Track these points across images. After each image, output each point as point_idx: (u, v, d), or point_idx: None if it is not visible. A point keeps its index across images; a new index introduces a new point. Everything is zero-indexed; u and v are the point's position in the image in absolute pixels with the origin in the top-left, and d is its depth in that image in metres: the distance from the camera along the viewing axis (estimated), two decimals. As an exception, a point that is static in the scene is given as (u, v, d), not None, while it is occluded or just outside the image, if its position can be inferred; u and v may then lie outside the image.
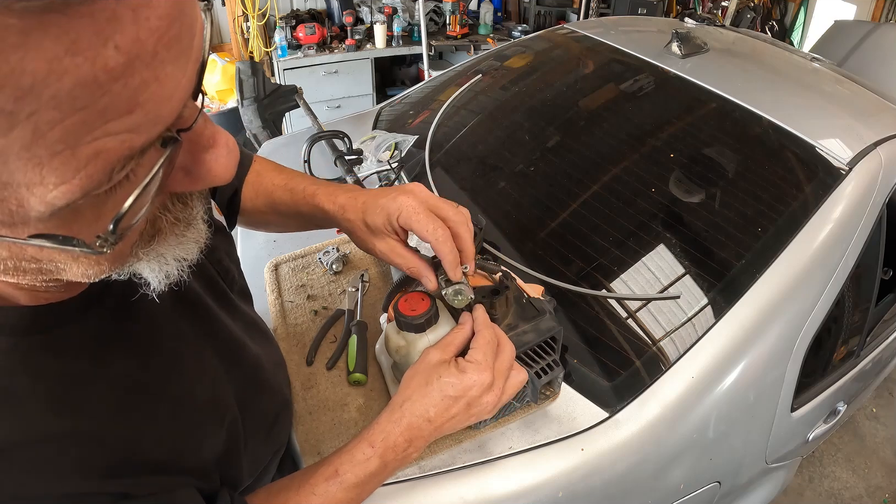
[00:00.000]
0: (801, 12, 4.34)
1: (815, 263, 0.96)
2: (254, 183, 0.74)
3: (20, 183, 0.26)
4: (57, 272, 0.34)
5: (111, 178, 0.28)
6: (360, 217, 0.64)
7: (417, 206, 0.60)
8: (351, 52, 3.27)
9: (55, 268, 0.33)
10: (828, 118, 1.25)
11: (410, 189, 0.62)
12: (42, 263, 0.32)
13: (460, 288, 0.63)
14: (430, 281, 0.64)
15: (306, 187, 0.70)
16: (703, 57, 1.44)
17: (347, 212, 0.65)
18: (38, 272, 0.33)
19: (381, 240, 0.64)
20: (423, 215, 0.60)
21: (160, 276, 0.38)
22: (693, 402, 0.84)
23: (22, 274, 0.33)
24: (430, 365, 0.60)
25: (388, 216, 0.61)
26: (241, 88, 1.65)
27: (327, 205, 0.67)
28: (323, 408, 0.78)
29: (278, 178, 0.73)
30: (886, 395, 2.26)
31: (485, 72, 1.63)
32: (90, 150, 0.26)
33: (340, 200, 0.66)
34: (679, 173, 1.15)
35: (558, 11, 3.85)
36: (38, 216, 0.27)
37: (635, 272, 0.99)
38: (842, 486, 1.93)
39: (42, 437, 0.38)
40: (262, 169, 0.76)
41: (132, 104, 0.26)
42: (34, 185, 0.26)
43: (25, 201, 0.26)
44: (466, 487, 0.72)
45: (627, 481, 0.80)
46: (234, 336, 0.59)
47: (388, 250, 0.64)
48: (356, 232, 0.66)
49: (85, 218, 0.29)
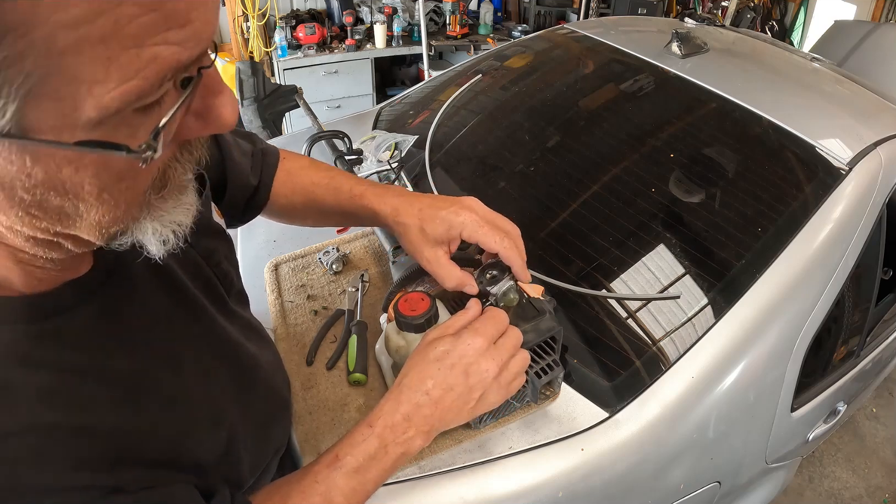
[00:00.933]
0: (801, 12, 4.34)
1: (815, 263, 0.96)
2: (288, 181, 0.76)
3: (84, 79, 0.27)
4: (74, 218, 0.34)
5: (159, 88, 0.30)
6: (416, 223, 0.66)
7: (480, 221, 0.65)
8: (351, 52, 3.27)
9: (75, 210, 0.34)
10: (828, 118, 1.25)
11: (470, 205, 0.66)
12: (67, 199, 0.33)
13: (507, 290, 0.67)
14: (472, 288, 0.66)
15: (353, 187, 0.72)
16: (703, 57, 1.44)
17: (401, 216, 0.67)
18: (58, 217, 0.34)
19: (432, 249, 0.66)
20: (488, 228, 0.65)
21: (159, 241, 0.40)
22: (693, 402, 0.84)
23: (40, 217, 0.33)
24: (428, 341, 0.61)
25: (450, 228, 0.65)
26: (242, 88, 1.65)
27: (379, 206, 0.69)
28: (323, 408, 0.78)
29: (318, 176, 0.75)
30: (886, 395, 2.26)
31: (485, 72, 1.63)
32: (150, 54, 0.28)
33: (393, 203, 0.69)
34: (679, 173, 1.15)
35: (558, 11, 3.85)
36: (87, 122, 0.29)
37: (635, 272, 0.99)
38: (842, 486, 1.93)
39: (33, 427, 0.38)
40: (294, 167, 0.77)
41: (186, 18, 0.29)
42: (97, 83, 0.27)
43: (81, 103, 0.28)
44: (466, 487, 0.72)
45: (627, 481, 0.80)
46: (232, 338, 0.59)
47: (433, 259, 0.66)
48: (408, 236, 0.68)
49: (123, 134, 0.31)
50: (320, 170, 0.77)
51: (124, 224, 0.37)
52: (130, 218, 0.37)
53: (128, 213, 0.37)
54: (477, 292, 0.67)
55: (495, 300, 0.67)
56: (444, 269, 0.66)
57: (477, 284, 0.67)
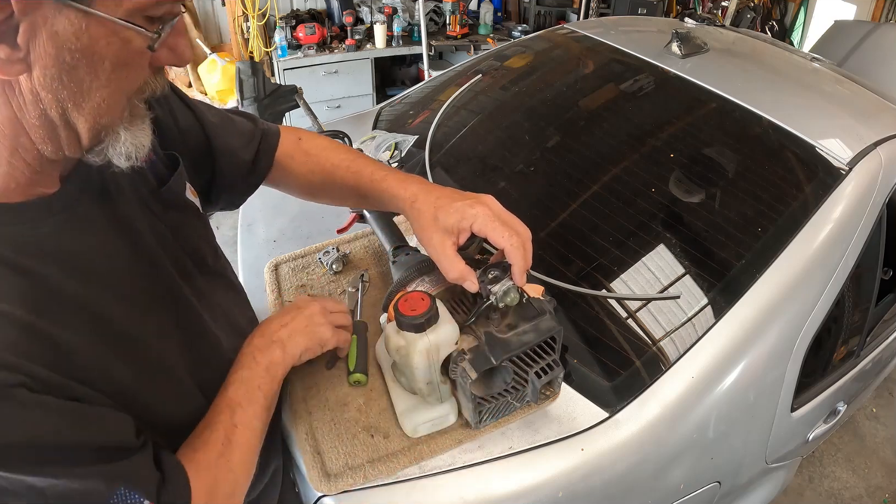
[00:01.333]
0: (801, 12, 4.34)
1: (815, 263, 0.96)
2: (307, 161, 0.81)
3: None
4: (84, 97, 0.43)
5: (161, 7, 0.43)
6: (431, 211, 0.68)
7: (492, 216, 0.66)
8: (351, 52, 3.27)
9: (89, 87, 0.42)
10: (828, 118, 1.25)
11: (486, 201, 0.68)
12: (89, 73, 0.42)
13: (508, 289, 0.66)
14: (473, 284, 0.67)
15: (374, 171, 0.76)
16: (703, 57, 1.44)
17: (419, 202, 0.70)
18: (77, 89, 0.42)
19: (441, 237, 0.68)
20: (499, 223, 0.66)
21: (123, 155, 0.48)
22: (693, 402, 0.84)
23: (65, 85, 0.41)
24: None
25: (462, 219, 0.66)
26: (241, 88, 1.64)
27: (399, 190, 0.72)
28: (323, 408, 0.78)
29: (338, 158, 0.79)
30: (886, 395, 2.26)
31: (485, 72, 1.63)
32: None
33: (413, 189, 0.71)
34: (679, 173, 1.15)
35: (558, 11, 3.85)
36: (127, 10, 0.41)
37: (635, 272, 0.99)
38: (842, 486, 1.93)
39: None
40: (314, 147, 0.82)
41: None
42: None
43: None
44: (466, 487, 0.72)
45: (627, 481, 0.80)
46: (195, 311, 0.62)
47: (440, 247, 0.68)
48: (420, 221, 0.69)
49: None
50: (341, 152, 0.81)
51: (109, 121, 0.45)
52: (115, 118, 0.46)
53: (114, 110, 0.45)
54: (477, 289, 0.67)
55: (496, 299, 0.67)
56: (448, 260, 0.67)
57: (478, 283, 0.67)
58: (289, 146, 0.81)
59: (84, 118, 0.44)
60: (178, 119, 0.68)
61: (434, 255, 0.69)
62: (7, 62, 0.39)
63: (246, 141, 0.77)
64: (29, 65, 0.40)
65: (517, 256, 0.66)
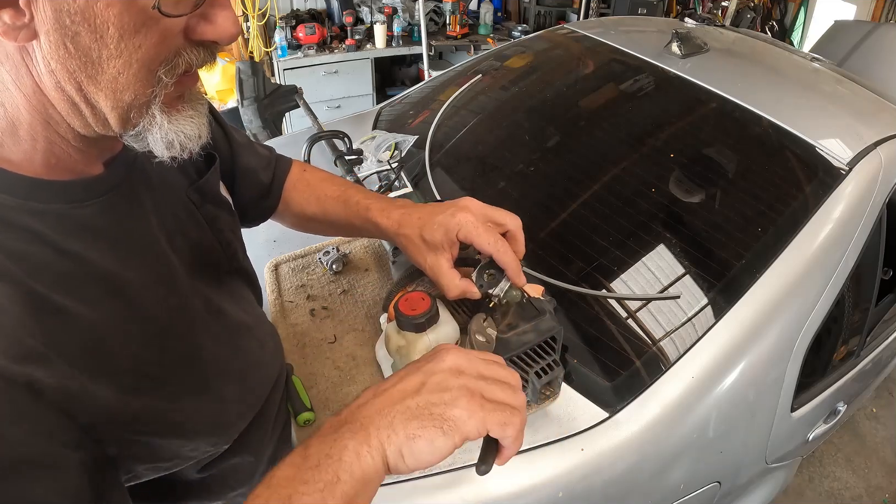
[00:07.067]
0: (801, 12, 4.34)
1: (815, 263, 0.96)
2: (306, 191, 0.81)
3: None
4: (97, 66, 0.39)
5: None
6: (417, 233, 0.68)
7: (475, 221, 0.65)
8: (351, 52, 3.27)
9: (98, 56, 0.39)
10: (828, 118, 1.24)
11: (465, 205, 0.67)
12: (95, 39, 0.38)
13: (507, 290, 0.67)
14: (474, 294, 0.67)
15: (360, 200, 0.75)
16: (703, 57, 1.44)
17: (403, 227, 0.70)
18: (86, 58, 0.39)
19: (433, 255, 0.68)
20: (483, 229, 0.65)
21: (164, 143, 0.45)
22: (693, 403, 0.84)
23: (72, 54, 0.39)
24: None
25: (447, 232, 0.66)
26: (242, 88, 1.65)
27: (381, 220, 0.72)
28: (323, 408, 0.78)
29: (331, 189, 0.79)
30: (886, 395, 2.26)
31: (485, 72, 1.63)
32: None
33: (395, 216, 0.71)
34: (679, 173, 1.15)
35: (558, 11, 3.85)
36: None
37: (635, 272, 0.99)
38: (842, 486, 1.93)
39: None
40: (314, 179, 0.82)
41: None
42: None
43: None
44: (466, 487, 0.72)
45: (627, 481, 0.80)
46: (215, 303, 0.59)
47: (435, 267, 0.68)
48: (410, 246, 0.70)
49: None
50: (334, 183, 0.81)
51: (133, 98, 0.42)
52: (140, 94, 0.42)
53: (136, 86, 0.41)
54: (479, 296, 0.67)
55: (498, 300, 0.67)
56: (445, 278, 0.67)
57: (477, 287, 0.67)
58: (294, 175, 0.82)
59: (103, 93, 0.41)
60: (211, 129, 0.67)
61: (431, 276, 0.69)
62: (13, 28, 0.37)
63: (265, 164, 0.78)
64: (35, 31, 0.38)
65: (508, 260, 0.65)
